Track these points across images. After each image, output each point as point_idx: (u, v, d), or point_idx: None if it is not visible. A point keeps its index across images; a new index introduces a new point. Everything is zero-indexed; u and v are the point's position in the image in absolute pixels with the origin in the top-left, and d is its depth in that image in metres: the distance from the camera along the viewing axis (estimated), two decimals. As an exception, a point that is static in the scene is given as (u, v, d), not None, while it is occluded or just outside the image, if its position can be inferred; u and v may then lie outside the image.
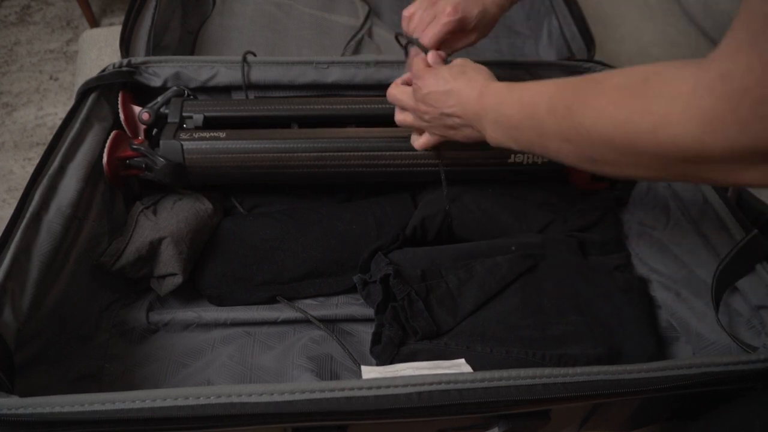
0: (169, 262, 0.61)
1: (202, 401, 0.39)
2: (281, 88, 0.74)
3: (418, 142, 0.62)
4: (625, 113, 0.37)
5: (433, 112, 0.55)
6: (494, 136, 0.50)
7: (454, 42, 0.62)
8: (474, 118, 0.52)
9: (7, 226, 0.51)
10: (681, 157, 0.35)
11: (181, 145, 0.64)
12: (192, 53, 0.92)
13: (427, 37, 0.60)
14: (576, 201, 0.72)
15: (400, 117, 0.62)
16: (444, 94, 0.54)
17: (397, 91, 0.60)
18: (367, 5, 1.02)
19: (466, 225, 0.69)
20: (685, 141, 0.34)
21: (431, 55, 0.59)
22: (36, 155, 1.43)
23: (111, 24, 1.72)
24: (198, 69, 0.71)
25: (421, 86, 0.56)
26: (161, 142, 0.64)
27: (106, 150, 0.62)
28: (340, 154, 0.66)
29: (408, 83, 0.61)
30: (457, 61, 0.56)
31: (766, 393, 0.47)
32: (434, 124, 0.57)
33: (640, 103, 0.36)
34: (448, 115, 0.54)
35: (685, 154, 0.34)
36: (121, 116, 0.68)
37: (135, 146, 0.64)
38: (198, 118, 0.68)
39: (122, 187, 0.67)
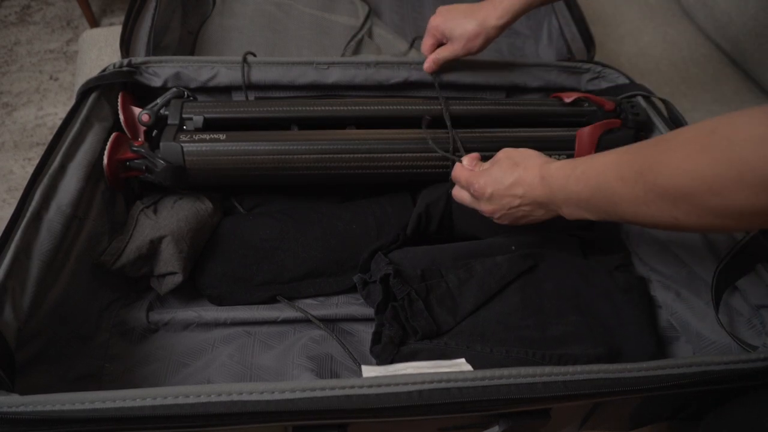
0: (169, 260, 0.61)
1: (203, 399, 0.39)
2: (281, 88, 0.74)
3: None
4: (704, 165, 0.37)
5: (501, 210, 0.57)
6: (568, 212, 0.52)
7: (440, 51, 0.72)
8: (544, 201, 0.53)
9: (7, 226, 0.51)
10: None
11: (182, 148, 0.64)
12: (192, 53, 0.92)
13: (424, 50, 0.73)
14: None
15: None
16: (508, 188, 0.55)
17: (459, 194, 0.62)
18: (367, 5, 1.02)
19: (467, 212, 0.69)
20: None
21: (466, 160, 0.62)
22: (36, 155, 1.43)
23: (111, 24, 1.72)
24: (198, 69, 0.71)
25: (481, 191, 0.57)
26: (161, 144, 0.64)
27: (106, 152, 0.62)
28: (339, 156, 0.66)
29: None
30: (500, 155, 0.58)
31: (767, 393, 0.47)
32: (504, 219, 0.58)
33: (716, 154, 0.36)
34: (516, 207, 0.55)
35: None
36: (121, 118, 0.68)
37: (135, 148, 0.64)
38: (198, 119, 0.68)
39: (122, 190, 0.67)
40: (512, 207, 0.55)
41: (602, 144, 0.68)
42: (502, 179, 0.55)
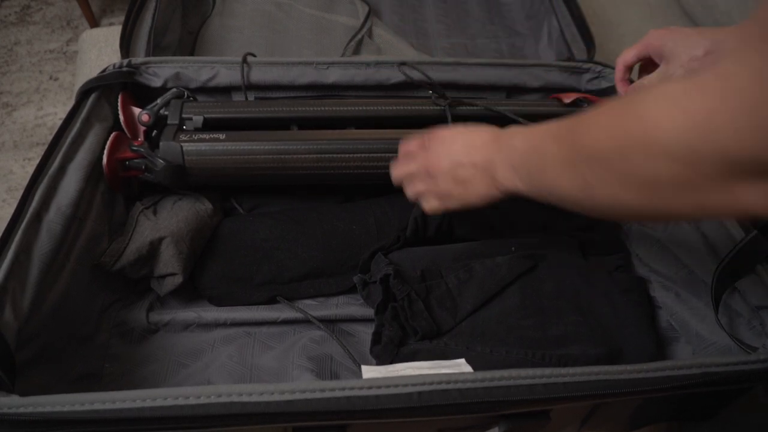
0: (169, 261, 0.61)
1: (203, 400, 0.39)
2: (281, 88, 0.74)
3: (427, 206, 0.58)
4: (619, 120, 0.35)
5: (444, 164, 0.53)
6: (502, 174, 0.48)
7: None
8: (486, 161, 0.50)
9: (7, 226, 0.51)
10: (670, 167, 0.32)
11: (181, 147, 0.64)
12: (192, 53, 0.92)
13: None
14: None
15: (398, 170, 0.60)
16: (461, 134, 0.53)
17: (408, 143, 0.59)
18: (367, 5, 1.02)
19: (467, 218, 0.68)
20: (671, 143, 0.31)
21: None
22: (36, 155, 1.43)
23: (111, 24, 1.72)
24: (198, 69, 0.71)
25: (434, 135, 0.55)
26: (161, 143, 0.64)
27: (106, 151, 0.62)
28: (339, 155, 0.66)
29: None
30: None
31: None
32: (441, 180, 0.54)
33: (634, 109, 0.34)
34: (461, 165, 0.52)
35: (674, 160, 0.31)
36: (121, 118, 0.68)
37: (135, 147, 0.64)
38: (198, 119, 0.68)
39: (121, 190, 0.67)
40: (457, 162, 0.52)
41: (602, 144, 0.67)
42: (458, 129, 0.54)
